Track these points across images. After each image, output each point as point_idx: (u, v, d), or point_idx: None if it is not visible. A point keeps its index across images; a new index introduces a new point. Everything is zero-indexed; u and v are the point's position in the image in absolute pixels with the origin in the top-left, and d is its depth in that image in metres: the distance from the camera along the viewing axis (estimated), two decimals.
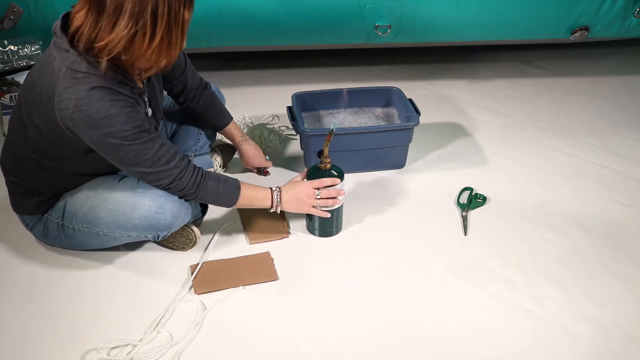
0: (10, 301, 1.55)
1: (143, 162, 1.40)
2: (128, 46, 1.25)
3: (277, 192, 1.63)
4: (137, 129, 1.36)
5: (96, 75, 1.30)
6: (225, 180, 1.56)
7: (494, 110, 2.45)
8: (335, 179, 1.67)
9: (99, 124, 1.31)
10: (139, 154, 1.38)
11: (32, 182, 1.54)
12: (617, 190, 1.98)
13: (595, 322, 1.50)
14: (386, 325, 1.49)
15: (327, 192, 1.66)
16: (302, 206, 1.66)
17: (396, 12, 2.31)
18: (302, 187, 1.65)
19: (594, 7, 2.36)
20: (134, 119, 1.35)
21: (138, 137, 1.36)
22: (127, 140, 1.35)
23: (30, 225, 1.63)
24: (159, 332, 1.46)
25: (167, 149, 1.43)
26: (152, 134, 1.40)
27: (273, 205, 1.63)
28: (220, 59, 2.76)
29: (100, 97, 1.30)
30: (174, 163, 1.44)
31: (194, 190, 1.50)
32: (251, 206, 1.63)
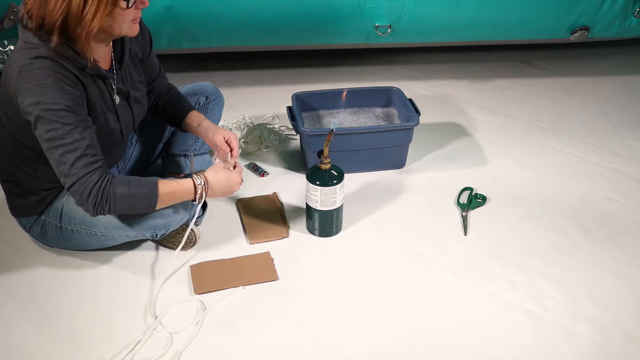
0: (10, 301, 1.55)
1: (58, 147, 1.32)
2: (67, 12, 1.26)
3: (200, 185, 1.49)
4: (65, 107, 1.31)
5: (45, 47, 1.31)
6: (137, 183, 1.41)
7: (494, 110, 2.45)
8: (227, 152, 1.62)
9: (33, 91, 1.30)
10: (57, 135, 1.31)
11: (22, 180, 1.54)
12: (617, 190, 1.98)
13: (595, 322, 1.50)
14: (386, 325, 1.49)
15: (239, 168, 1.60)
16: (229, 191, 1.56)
17: (396, 12, 2.31)
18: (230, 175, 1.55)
19: (594, 7, 2.36)
20: (68, 96, 1.31)
21: (63, 115, 1.30)
22: (49, 114, 1.29)
23: (27, 227, 1.63)
24: (159, 332, 1.46)
25: (87, 145, 1.33)
26: (82, 122, 1.33)
27: (197, 198, 1.50)
28: (220, 59, 2.76)
29: (41, 66, 1.30)
30: (83, 162, 1.33)
31: (100, 198, 1.35)
32: (174, 202, 1.50)
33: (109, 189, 1.36)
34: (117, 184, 1.37)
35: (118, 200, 1.37)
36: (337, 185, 1.68)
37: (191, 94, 1.84)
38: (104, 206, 1.37)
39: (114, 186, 1.37)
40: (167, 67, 2.66)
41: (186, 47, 2.39)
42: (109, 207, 1.37)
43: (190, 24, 2.27)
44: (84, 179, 1.34)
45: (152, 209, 1.44)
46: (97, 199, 1.35)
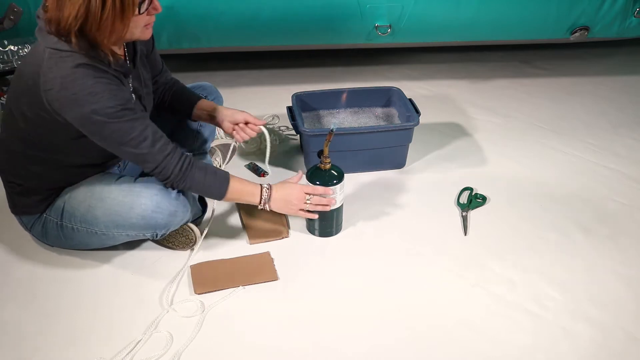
0: (10, 301, 1.55)
1: (129, 142, 1.39)
2: (86, 15, 1.27)
3: (267, 189, 1.60)
4: (121, 106, 1.36)
5: (78, 53, 1.32)
6: (213, 172, 1.54)
7: (494, 110, 2.45)
8: (328, 189, 1.65)
9: (84, 101, 1.32)
10: (124, 132, 1.38)
11: (28, 179, 1.54)
12: (617, 190, 1.98)
13: (595, 322, 1.50)
14: (386, 325, 1.49)
15: (318, 199, 1.65)
16: (291, 208, 1.64)
17: (396, 12, 2.31)
18: (294, 190, 1.63)
19: (594, 7, 2.36)
20: (118, 96, 1.36)
21: (123, 114, 1.36)
22: (111, 117, 1.35)
23: (28, 225, 1.63)
24: (159, 332, 1.46)
25: (153, 131, 1.43)
26: (138, 113, 1.40)
27: (261, 202, 1.60)
28: (220, 59, 2.76)
29: (84, 74, 1.32)
30: (159, 146, 1.43)
31: (179, 177, 1.48)
32: (240, 200, 1.61)
33: (189, 172, 1.48)
34: (197, 169, 1.50)
35: (194, 183, 1.51)
36: (337, 185, 1.68)
37: None
38: (180, 185, 1.50)
39: (194, 170, 1.49)
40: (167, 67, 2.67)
41: (186, 47, 2.39)
42: (183, 186, 1.51)
43: (190, 24, 2.27)
44: (164, 163, 1.45)
45: (220, 199, 1.57)
46: (177, 178, 1.48)
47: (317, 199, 1.64)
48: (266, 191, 1.60)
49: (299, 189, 1.63)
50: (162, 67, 1.74)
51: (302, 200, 1.63)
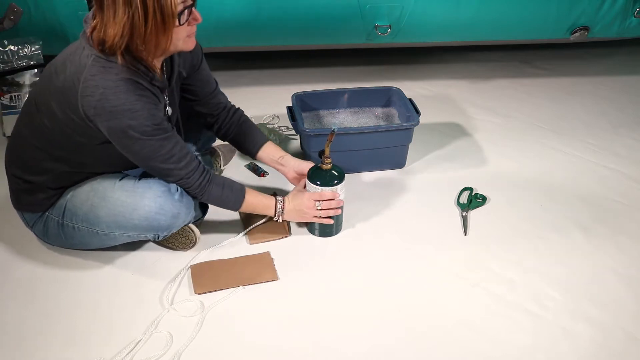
0: (10, 301, 1.55)
1: (156, 158, 1.45)
2: (131, 32, 1.30)
3: (280, 202, 1.68)
4: (156, 126, 1.41)
5: (126, 66, 1.35)
6: (230, 187, 1.60)
7: (494, 110, 2.45)
8: (335, 193, 1.68)
9: (123, 115, 1.35)
10: (154, 149, 1.43)
11: (38, 176, 1.54)
12: (617, 190, 1.98)
13: (595, 322, 1.50)
14: (386, 325, 1.49)
15: (328, 203, 1.68)
16: (305, 217, 1.70)
17: (396, 12, 2.31)
18: (303, 200, 1.68)
19: (594, 7, 2.36)
20: (156, 116, 1.41)
21: (156, 133, 1.41)
22: (145, 135, 1.39)
23: (30, 223, 1.63)
24: (159, 332, 1.46)
25: (180, 148, 1.48)
26: (169, 132, 1.45)
27: (276, 215, 1.69)
28: (220, 59, 2.76)
29: (127, 90, 1.35)
30: (184, 163, 1.49)
31: (198, 192, 1.56)
32: (254, 212, 1.70)
33: (207, 188, 1.56)
34: (214, 185, 1.57)
35: (211, 197, 1.59)
36: (338, 186, 1.68)
37: None
38: (198, 197, 1.58)
39: (212, 186, 1.56)
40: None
41: None
42: (201, 199, 1.60)
43: None
44: (185, 179, 1.52)
45: (235, 210, 1.65)
46: (196, 192, 1.56)
47: (326, 203, 1.68)
48: (280, 204, 1.68)
49: (307, 198, 1.68)
50: (215, 88, 1.74)
51: (312, 208, 1.68)
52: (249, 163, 2.10)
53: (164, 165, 1.47)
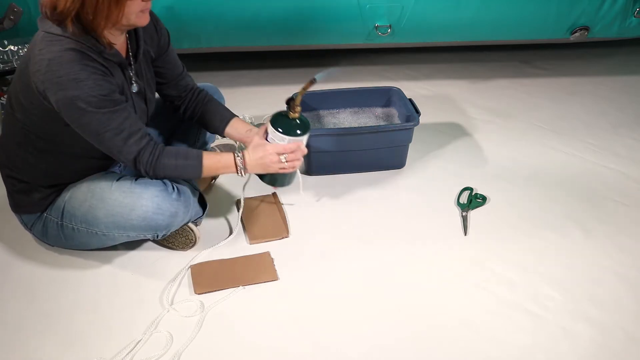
0: (10, 301, 1.55)
1: (105, 133, 1.41)
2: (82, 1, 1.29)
3: (240, 157, 1.57)
4: (103, 97, 1.37)
5: (70, 38, 1.33)
6: (184, 155, 1.54)
7: (494, 110, 2.45)
8: (300, 143, 1.58)
9: (68, 85, 1.33)
10: (102, 123, 1.39)
11: (28, 174, 1.55)
12: (617, 190, 1.98)
13: (595, 322, 1.50)
14: (386, 325, 1.49)
15: (293, 155, 1.59)
16: (269, 170, 1.61)
17: (396, 12, 2.31)
18: (266, 153, 1.58)
19: (594, 7, 2.36)
20: (103, 86, 1.37)
21: (104, 105, 1.37)
22: (92, 106, 1.36)
23: (29, 224, 1.63)
24: (159, 332, 1.46)
25: (131, 123, 1.43)
26: (119, 105, 1.41)
27: (238, 171, 1.58)
28: (220, 59, 2.76)
29: (71, 59, 1.33)
30: (133, 140, 1.44)
31: (150, 170, 1.49)
32: (217, 173, 1.63)
33: (158, 163, 1.49)
34: (166, 157, 1.50)
35: (167, 171, 1.51)
36: (304, 136, 1.60)
37: None
38: (156, 174, 1.51)
39: (163, 159, 1.49)
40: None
41: (186, 47, 2.39)
42: (157, 176, 1.53)
43: (190, 24, 2.27)
44: (136, 158, 1.46)
45: (199, 177, 1.58)
46: (149, 171, 1.49)
47: (291, 156, 1.59)
48: (240, 159, 1.57)
49: (270, 151, 1.57)
50: (182, 71, 1.74)
51: (276, 161, 1.58)
52: None
53: (111, 142, 1.42)
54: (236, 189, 1.97)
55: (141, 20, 1.40)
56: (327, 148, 1.97)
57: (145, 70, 1.58)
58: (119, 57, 1.45)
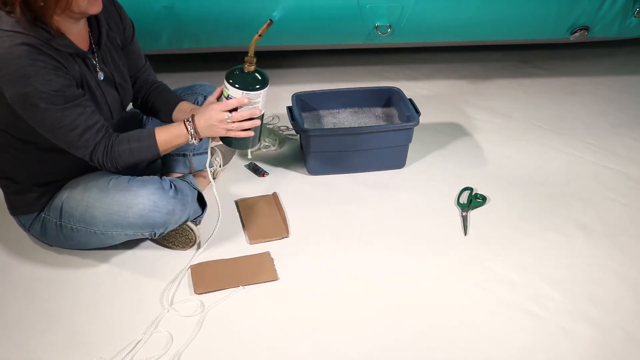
0: (10, 301, 1.55)
1: (59, 129, 1.39)
2: None
3: (190, 123, 1.49)
4: (54, 92, 1.34)
5: (22, 32, 1.31)
6: (136, 137, 1.48)
7: (494, 110, 2.45)
8: (242, 99, 1.44)
9: (17, 82, 1.32)
10: (55, 119, 1.37)
11: (17, 175, 1.55)
12: (617, 190, 1.98)
13: (595, 322, 1.50)
14: (386, 325, 1.49)
15: (239, 114, 1.45)
16: (218, 132, 1.49)
17: (396, 12, 2.31)
18: (212, 112, 1.47)
19: (594, 7, 2.36)
20: (53, 81, 1.34)
21: (54, 101, 1.34)
22: (43, 102, 1.34)
23: (27, 225, 1.63)
24: (159, 332, 1.46)
25: (86, 118, 1.40)
26: (72, 101, 1.38)
27: (191, 137, 1.49)
28: (220, 59, 2.76)
29: (19, 55, 1.30)
30: (87, 136, 1.41)
31: (107, 162, 1.46)
32: (174, 146, 1.52)
33: (113, 153, 1.45)
34: (118, 143, 1.46)
35: (123, 158, 1.47)
36: (261, 91, 1.47)
37: (190, 94, 1.84)
38: (115, 166, 1.48)
39: (116, 146, 1.46)
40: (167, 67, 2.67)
41: (186, 47, 2.39)
42: (119, 165, 1.48)
43: (190, 24, 2.27)
44: (92, 153, 1.44)
45: (158, 156, 1.53)
46: (107, 163, 1.46)
47: (238, 114, 1.45)
48: (190, 125, 1.48)
49: (216, 110, 1.47)
50: (145, 63, 1.72)
51: (223, 121, 1.46)
52: (249, 163, 2.10)
53: (67, 138, 1.40)
54: (237, 188, 1.97)
55: (93, 7, 1.37)
56: (327, 148, 1.97)
57: (114, 57, 1.55)
58: (73, 47, 1.40)
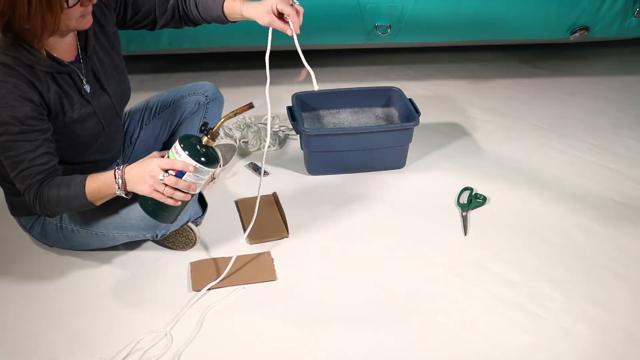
0: (10, 301, 1.55)
1: (6, 159, 1.35)
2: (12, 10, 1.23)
3: (119, 171, 1.35)
4: (10, 120, 1.29)
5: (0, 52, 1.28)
6: (67, 184, 1.37)
7: (494, 110, 2.45)
8: (187, 165, 1.32)
9: None
10: (6, 147, 1.33)
11: None
12: (617, 190, 1.98)
13: (595, 322, 1.50)
14: (386, 325, 1.49)
15: (174, 180, 1.31)
16: (144, 187, 1.33)
17: (396, 12, 2.31)
18: (149, 164, 1.33)
19: (594, 7, 2.36)
20: (17, 108, 1.29)
21: (9, 128, 1.30)
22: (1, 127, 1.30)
23: (27, 227, 1.63)
24: (159, 332, 1.46)
25: (31, 158, 1.34)
26: (28, 135, 1.32)
27: (118, 187, 1.35)
28: (220, 59, 2.76)
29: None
30: (25, 174, 1.35)
31: (37, 206, 1.38)
32: (104, 197, 1.40)
33: (42, 196, 1.36)
34: (49, 188, 1.36)
35: (53, 204, 1.37)
36: (211, 170, 1.38)
37: (191, 94, 1.84)
38: (47, 212, 1.39)
39: (46, 191, 1.36)
40: (167, 67, 2.68)
41: (186, 47, 2.39)
42: (51, 212, 1.39)
43: None
44: (26, 191, 1.37)
45: (89, 207, 1.40)
46: (37, 207, 1.38)
47: (172, 179, 1.31)
48: (119, 173, 1.35)
49: (155, 163, 1.32)
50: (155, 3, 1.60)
51: (154, 177, 1.31)
52: (249, 163, 2.10)
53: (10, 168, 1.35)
54: (237, 188, 1.97)
55: (82, 24, 1.34)
56: (327, 148, 1.97)
57: (102, 60, 1.50)
58: (55, 66, 1.36)
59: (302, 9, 1.53)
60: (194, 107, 1.83)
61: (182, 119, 1.85)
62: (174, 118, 1.84)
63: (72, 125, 1.44)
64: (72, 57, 1.44)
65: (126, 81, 1.62)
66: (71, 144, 1.45)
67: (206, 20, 1.63)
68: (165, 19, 1.63)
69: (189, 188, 1.34)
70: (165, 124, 1.84)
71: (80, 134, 1.47)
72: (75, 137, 1.45)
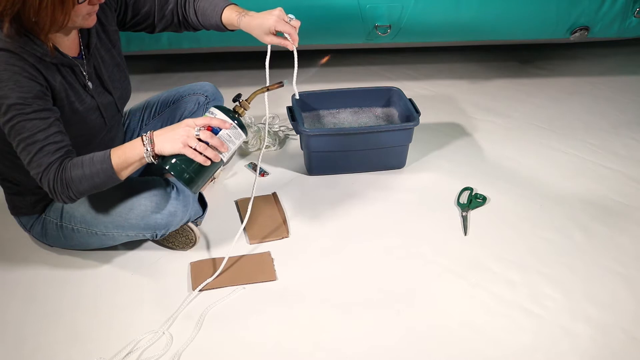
0: (10, 301, 1.55)
1: (19, 142, 1.32)
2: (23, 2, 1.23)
3: (146, 136, 1.34)
4: (21, 100, 1.29)
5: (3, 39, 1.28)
6: (89, 162, 1.34)
7: (494, 110, 2.45)
8: (225, 122, 1.36)
9: None
10: (16, 130, 1.31)
11: (16, 178, 1.54)
12: (617, 190, 1.98)
13: (595, 322, 1.50)
14: (385, 325, 1.49)
15: (209, 134, 1.33)
16: (175, 144, 1.31)
17: (396, 12, 2.31)
18: (181, 123, 1.35)
19: (594, 7, 2.36)
20: (24, 89, 1.29)
21: (20, 108, 1.29)
22: (11, 109, 1.29)
23: (27, 226, 1.63)
24: (159, 332, 1.46)
25: (45, 137, 1.32)
26: (38, 112, 1.31)
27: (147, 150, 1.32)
28: (220, 59, 2.76)
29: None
30: (42, 154, 1.32)
31: (59, 189, 1.34)
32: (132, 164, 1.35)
33: (65, 176, 1.33)
34: (72, 168, 1.33)
35: (76, 182, 1.34)
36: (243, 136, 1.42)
37: (191, 94, 1.84)
38: (69, 194, 1.35)
39: (69, 171, 1.33)
40: (167, 67, 2.68)
41: (186, 47, 2.39)
42: (73, 192, 1.35)
43: None
44: (45, 172, 1.33)
45: (118, 180, 1.37)
46: (59, 188, 1.34)
47: (208, 134, 1.33)
48: (147, 137, 1.34)
49: (191, 120, 1.34)
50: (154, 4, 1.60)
51: (189, 132, 1.32)
52: (249, 163, 2.10)
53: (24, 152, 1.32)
54: (237, 188, 1.97)
55: (87, 22, 1.35)
56: (327, 148, 1.97)
57: (103, 57, 1.51)
58: (59, 58, 1.37)
59: (299, 23, 1.56)
60: (193, 107, 1.83)
61: (181, 118, 1.85)
62: (174, 118, 1.85)
63: (76, 117, 1.44)
64: (74, 54, 1.44)
65: (127, 79, 1.62)
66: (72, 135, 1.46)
67: (205, 27, 1.63)
68: (165, 23, 1.63)
69: (222, 147, 1.35)
70: (165, 123, 1.84)
71: (82, 127, 1.47)
72: (77, 130, 1.45)
